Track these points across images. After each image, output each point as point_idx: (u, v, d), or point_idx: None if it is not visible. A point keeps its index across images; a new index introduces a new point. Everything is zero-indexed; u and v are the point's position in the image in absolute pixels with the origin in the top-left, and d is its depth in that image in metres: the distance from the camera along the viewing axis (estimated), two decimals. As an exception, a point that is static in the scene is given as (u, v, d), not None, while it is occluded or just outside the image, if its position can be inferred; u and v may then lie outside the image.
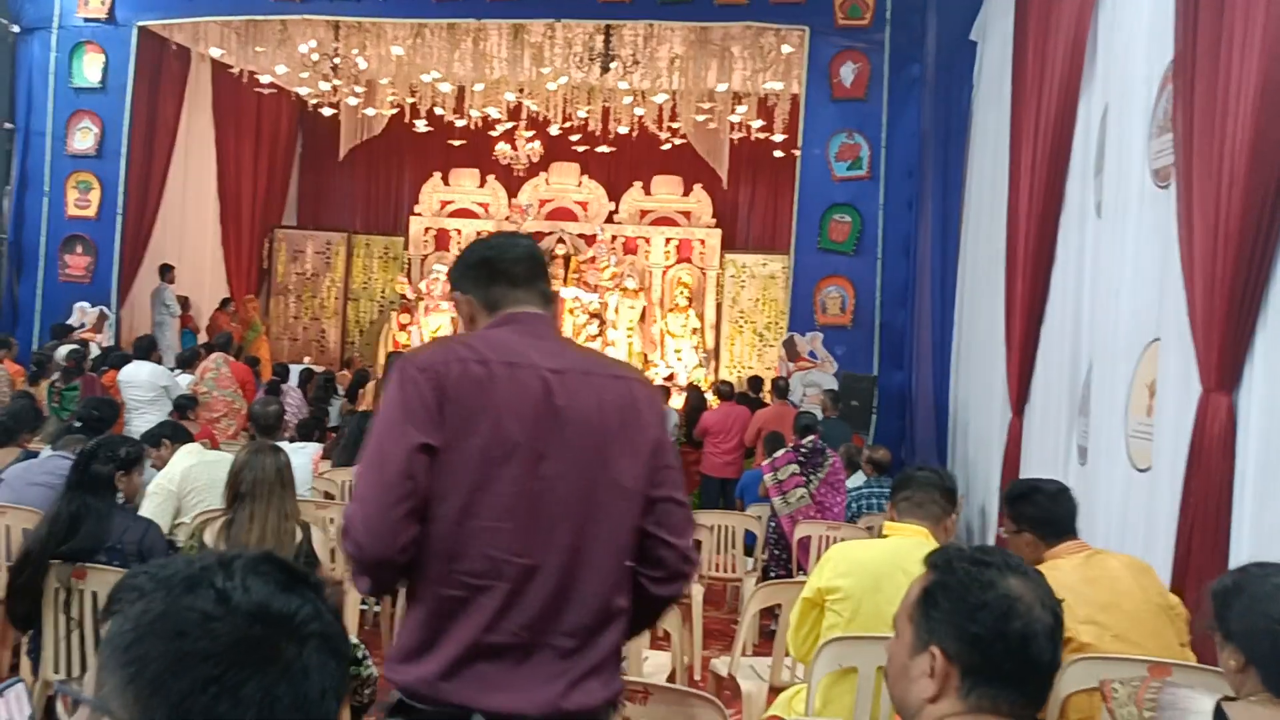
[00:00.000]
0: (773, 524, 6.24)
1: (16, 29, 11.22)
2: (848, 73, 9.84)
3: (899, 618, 1.59)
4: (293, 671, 0.85)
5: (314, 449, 6.69)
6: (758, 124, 12.88)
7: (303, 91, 13.79)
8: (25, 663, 3.63)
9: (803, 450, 6.22)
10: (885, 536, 3.02)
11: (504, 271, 2.06)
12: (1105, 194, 5.41)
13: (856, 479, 6.93)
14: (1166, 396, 4.31)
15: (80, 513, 3.48)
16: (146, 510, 4.65)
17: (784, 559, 6.08)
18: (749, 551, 6.63)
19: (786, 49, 10.84)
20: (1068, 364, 5.94)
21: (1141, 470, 4.57)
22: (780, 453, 6.32)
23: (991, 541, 6.97)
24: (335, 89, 13.01)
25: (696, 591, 5.38)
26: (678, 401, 10.79)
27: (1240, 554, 3.66)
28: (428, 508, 1.87)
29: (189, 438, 5.08)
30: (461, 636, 1.87)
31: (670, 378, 13.21)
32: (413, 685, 1.88)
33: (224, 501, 3.62)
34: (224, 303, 13.49)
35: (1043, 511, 3.10)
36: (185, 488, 4.69)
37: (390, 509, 1.84)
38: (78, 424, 5.23)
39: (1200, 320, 3.90)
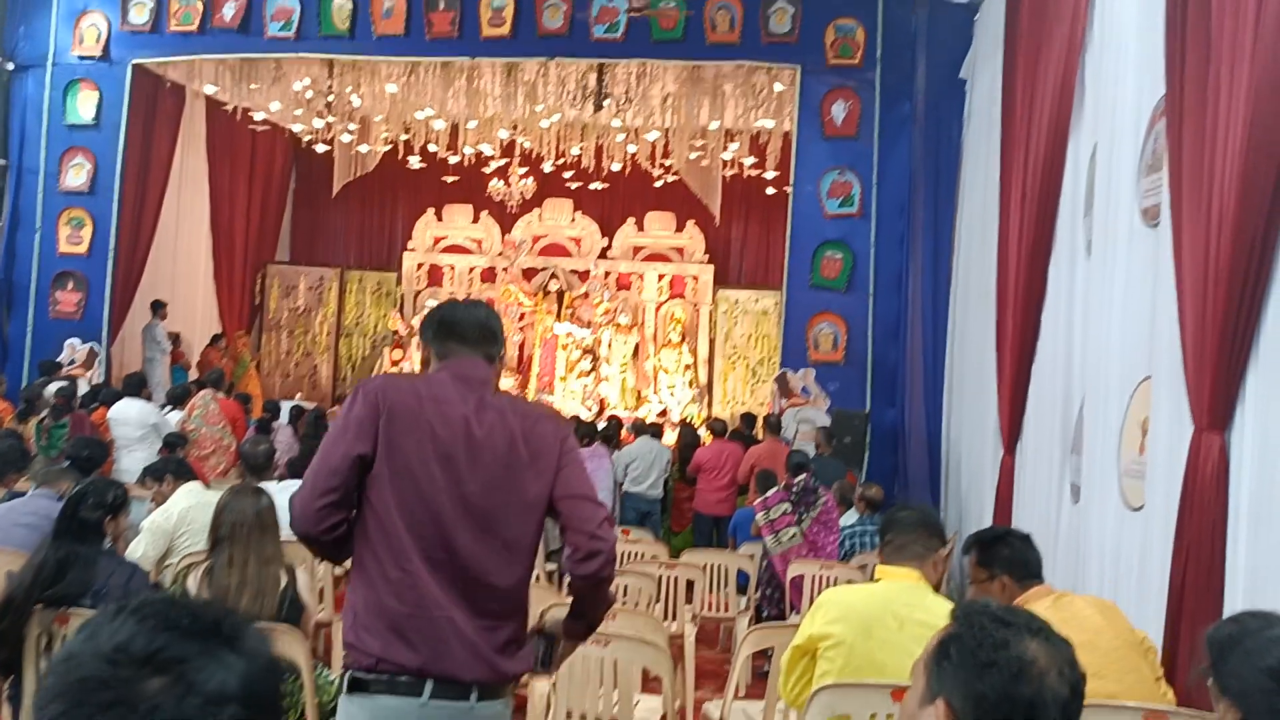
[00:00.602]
0: (765, 563, 6.20)
1: (11, 66, 11.27)
2: (839, 111, 9.91)
3: (916, 665, 1.58)
4: (138, 711, 0.88)
5: (304, 487, 6.65)
6: (750, 161, 12.96)
7: (297, 128, 13.86)
8: (5, 709, 3.58)
9: (794, 489, 6.19)
10: (876, 580, 2.99)
11: (458, 332, 2.54)
12: (1095, 232, 5.43)
13: (850, 517, 6.90)
14: (1159, 435, 4.30)
15: (67, 559, 3.44)
16: (139, 547, 4.62)
17: (776, 598, 6.03)
18: (742, 590, 6.59)
19: (778, 87, 10.92)
20: (1059, 402, 5.94)
21: (1135, 509, 4.55)
22: (772, 491, 6.29)
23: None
24: (329, 126, 13.07)
25: (689, 631, 5.33)
26: (670, 438, 10.76)
27: (1235, 594, 3.64)
28: (367, 504, 2.38)
29: (191, 475, 5.04)
30: (396, 614, 2.33)
31: (663, 413, 13.19)
32: (363, 657, 2.34)
33: (207, 544, 3.59)
34: (215, 339, 13.46)
35: (1017, 554, 3.12)
36: (180, 528, 4.65)
37: (316, 499, 2.34)
38: (66, 463, 5.19)
39: (1191, 359, 3.90)
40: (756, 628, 3.93)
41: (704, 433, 10.64)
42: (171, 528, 4.70)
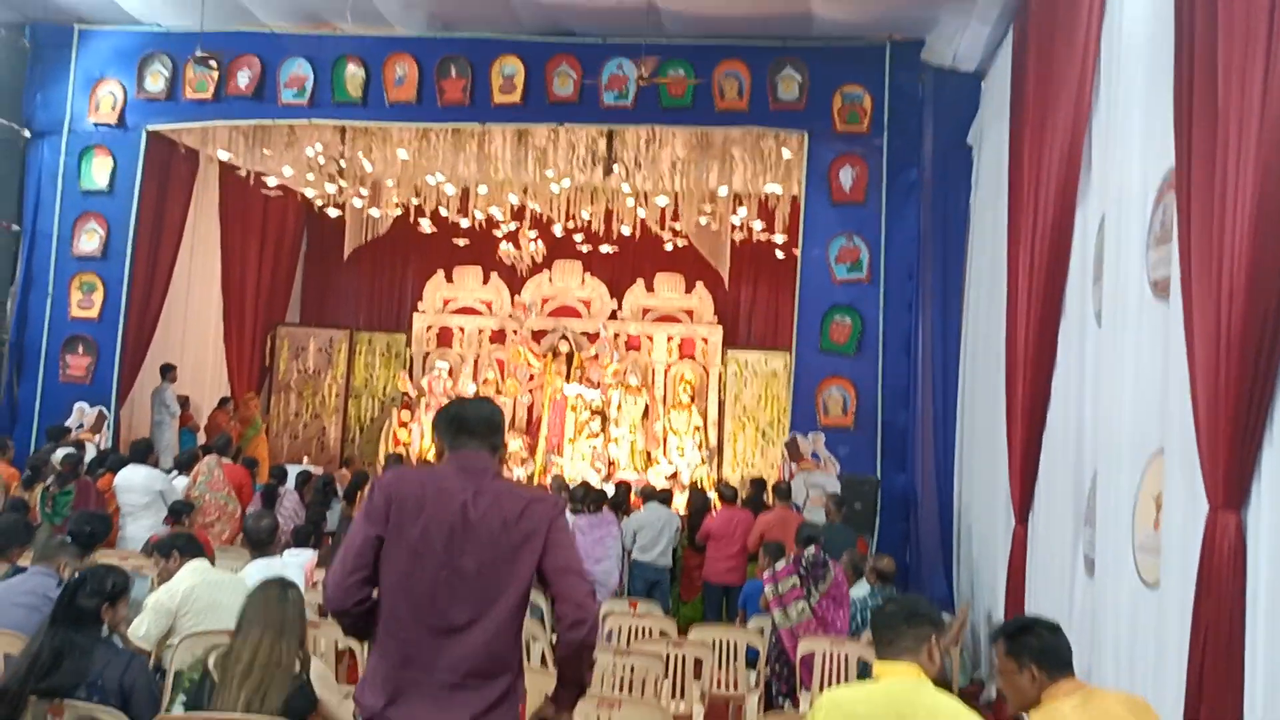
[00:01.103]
0: (774, 638, 6.09)
1: (28, 134, 11.42)
2: (846, 177, 9.95)
3: None
4: None
5: (308, 556, 6.58)
6: (759, 225, 13.00)
7: (309, 193, 13.99)
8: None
9: (804, 562, 6.10)
10: (876, 678, 2.91)
11: (467, 428, 2.95)
12: (1105, 303, 5.40)
13: (860, 588, 6.78)
14: (1173, 511, 4.23)
15: (63, 648, 3.39)
16: (142, 625, 4.54)
17: (786, 675, 5.91)
18: (751, 665, 6.46)
19: (786, 153, 10.98)
20: (1071, 472, 5.87)
21: (1150, 586, 4.47)
22: (781, 564, 6.19)
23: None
24: (341, 190, 13.18)
25: (698, 712, 5.23)
26: (680, 501, 10.67)
27: (1255, 680, 3.55)
28: (381, 581, 2.79)
29: (199, 552, 4.98)
30: (398, 675, 2.73)
31: (673, 475, 13.10)
32: (367, 712, 2.75)
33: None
34: (223, 401, 13.46)
35: (1046, 644, 3.02)
36: (184, 608, 4.58)
37: (346, 577, 2.79)
38: (68, 539, 5.13)
39: (1205, 435, 3.84)
40: (769, 716, 3.82)
41: (714, 496, 10.55)
42: (175, 606, 4.62)
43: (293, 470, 10.31)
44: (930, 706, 2.72)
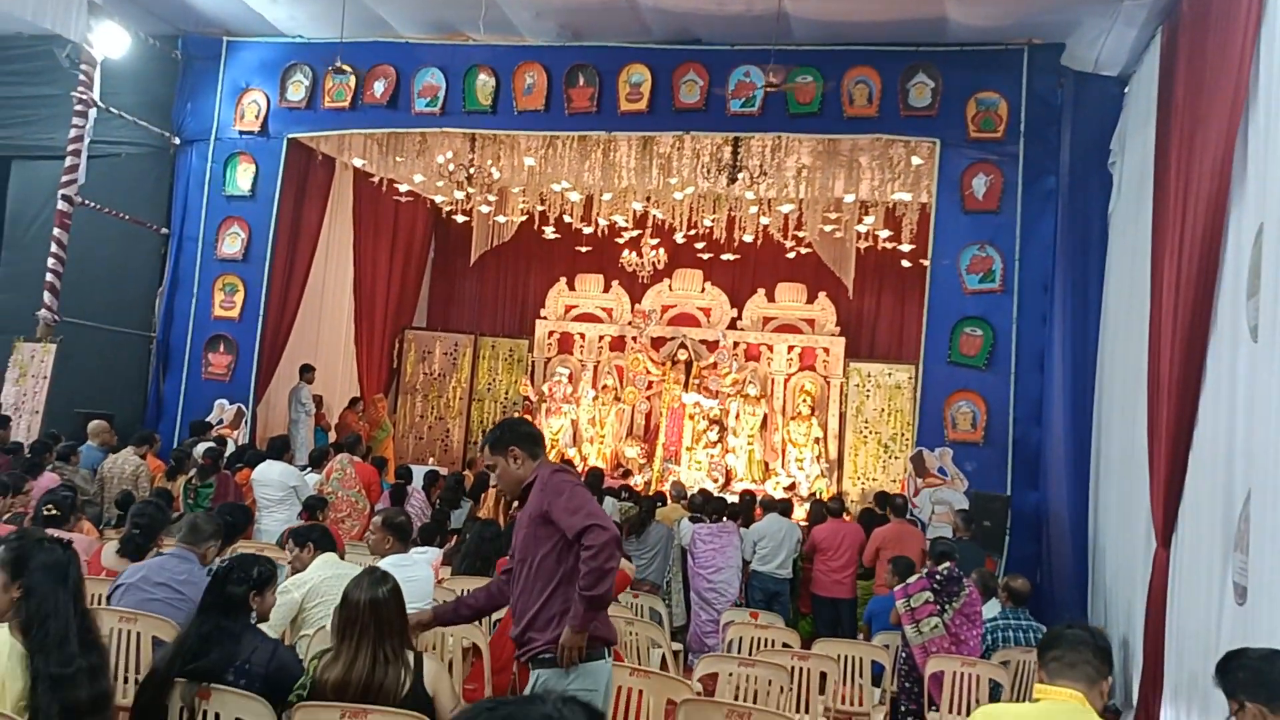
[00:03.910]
0: (904, 654, 5.95)
1: (177, 141, 11.96)
2: (980, 185, 9.68)
3: None
4: None
5: (434, 554, 6.69)
6: (885, 233, 12.79)
7: (438, 199, 14.32)
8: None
9: (938, 577, 5.94)
10: (1036, 700, 2.76)
11: (540, 441, 4.02)
12: (1263, 316, 5.11)
13: (991, 608, 6.58)
14: (1340, 538, 3.98)
15: (212, 634, 3.48)
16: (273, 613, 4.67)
17: (915, 692, 5.77)
18: (876, 682, 6.32)
19: (916, 160, 10.76)
20: (1220, 494, 5.58)
21: (1312, 617, 4.21)
22: (914, 579, 6.05)
23: (1134, 686, 6.52)
24: (469, 197, 13.43)
25: (822, 726, 5.13)
26: (799, 513, 10.52)
27: None
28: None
29: (332, 546, 5.11)
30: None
31: (792, 487, 12.95)
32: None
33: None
34: (353, 402, 13.85)
35: (1253, 674, 2.78)
36: (312, 599, 4.70)
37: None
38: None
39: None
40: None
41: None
42: (300, 597, 4.75)
43: (419, 470, 10.53)
44: None
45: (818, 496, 11.98)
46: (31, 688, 2.86)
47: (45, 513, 5.68)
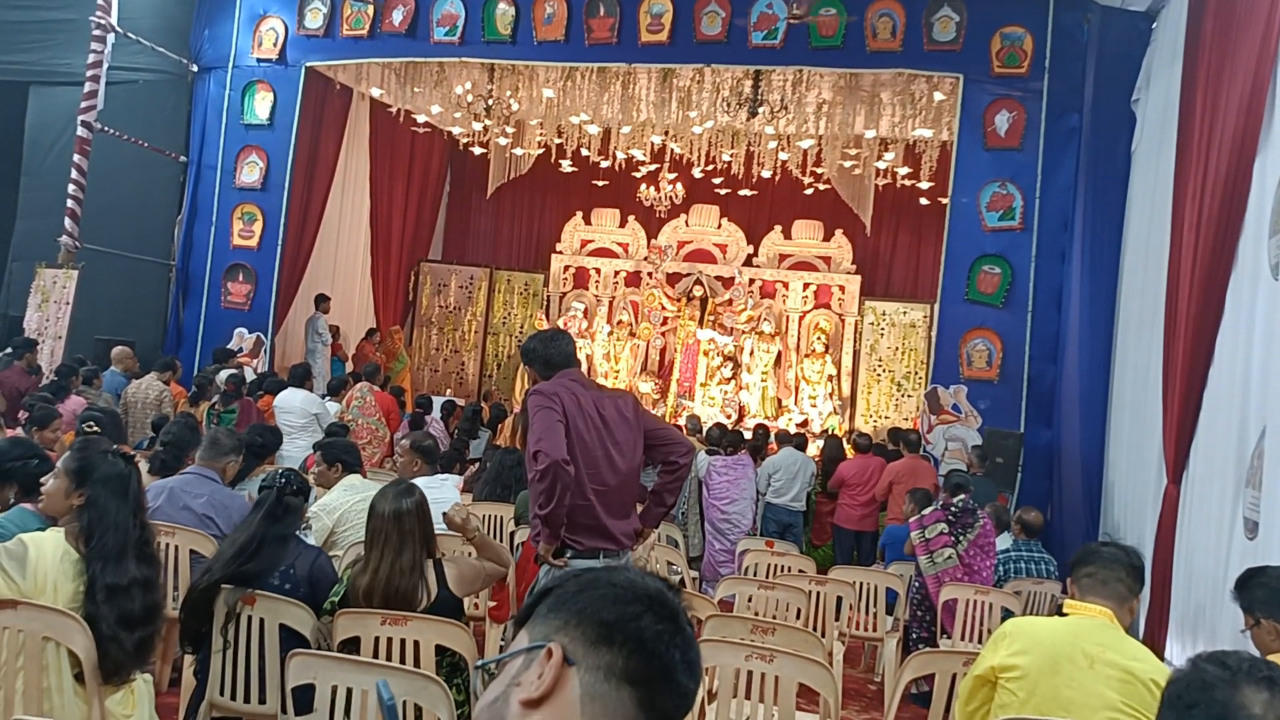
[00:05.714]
0: (916, 583, 6.06)
1: (195, 68, 11.91)
2: (1002, 121, 9.61)
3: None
4: (672, 630, 1.17)
5: (455, 481, 6.80)
6: (904, 171, 12.72)
7: (455, 131, 14.25)
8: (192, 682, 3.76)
9: (953, 509, 6.03)
10: (1064, 614, 2.83)
11: (553, 362, 4.11)
12: (1285, 255, 5.12)
13: (1004, 540, 6.68)
14: (1354, 473, 4.04)
15: (266, 538, 3.59)
16: (307, 535, 4.78)
17: (928, 620, 5.89)
18: (889, 610, 6.45)
19: (938, 96, 10.68)
20: (1234, 431, 5.63)
21: (1323, 550, 4.29)
22: (929, 510, 6.14)
23: (1140, 619, 6.63)
24: (486, 129, 13.38)
25: (838, 650, 5.25)
26: (813, 449, 10.63)
27: None
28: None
29: (358, 468, 5.20)
30: (581, 521, 3.87)
31: (804, 424, 13.05)
32: (571, 544, 3.92)
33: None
34: (370, 333, 13.94)
35: (1272, 592, 2.86)
36: (342, 523, 4.80)
37: (560, 440, 3.73)
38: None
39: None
40: (919, 653, 3.81)
41: (847, 445, 10.48)
42: (332, 524, 4.85)
43: (436, 401, 10.64)
44: (1121, 649, 2.65)
45: (833, 434, 12.08)
46: (87, 594, 2.96)
47: (86, 430, 5.78)
